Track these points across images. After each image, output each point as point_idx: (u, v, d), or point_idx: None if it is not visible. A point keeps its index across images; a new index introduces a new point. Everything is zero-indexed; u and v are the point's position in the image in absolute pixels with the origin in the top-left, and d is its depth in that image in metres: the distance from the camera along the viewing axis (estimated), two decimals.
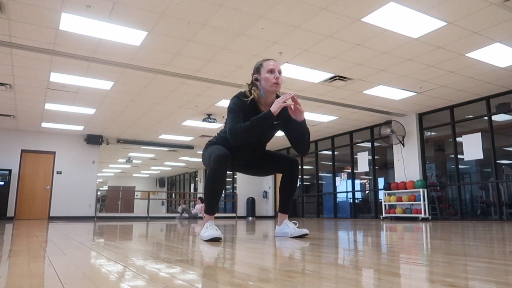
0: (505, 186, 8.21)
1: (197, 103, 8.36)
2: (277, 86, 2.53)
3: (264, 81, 2.54)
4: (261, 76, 2.56)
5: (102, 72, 6.53)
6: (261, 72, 2.56)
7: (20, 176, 10.66)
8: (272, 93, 2.58)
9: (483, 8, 4.57)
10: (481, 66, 6.34)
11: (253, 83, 2.61)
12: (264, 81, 2.53)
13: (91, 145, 11.65)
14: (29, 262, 1.46)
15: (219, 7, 4.52)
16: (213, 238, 2.42)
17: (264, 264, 1.45)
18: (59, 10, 4.53)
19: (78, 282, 1.09)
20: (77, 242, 2.47)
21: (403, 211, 9.20)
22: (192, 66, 6.27)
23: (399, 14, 4.69)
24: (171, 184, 24.40)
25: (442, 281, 1.04)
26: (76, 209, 11.10)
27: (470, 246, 2.14)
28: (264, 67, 2.56)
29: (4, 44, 5.35)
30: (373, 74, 6.71)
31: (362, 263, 1.43)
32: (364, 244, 2.31)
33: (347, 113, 9.27)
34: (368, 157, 10.64)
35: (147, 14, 4.65)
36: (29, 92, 7.52)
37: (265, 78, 2.53)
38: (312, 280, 1.07)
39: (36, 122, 10.00)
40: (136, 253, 1.81)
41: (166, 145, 13.12)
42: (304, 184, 13.57)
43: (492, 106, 8.01)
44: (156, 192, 23.71)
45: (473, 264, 1.38)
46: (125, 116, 9.47)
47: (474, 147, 8.12)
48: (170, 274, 1.18)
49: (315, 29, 5.08)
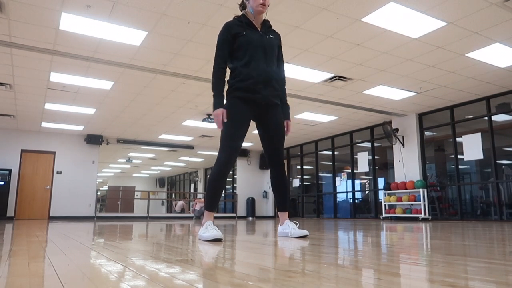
0: (505, 186, 8.21)
1: (197, 103, 8.36)
2: (263, 7, 2.65)
3: (252, 0, 2.67)
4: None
5: (102, 72, 6.53)
6: None
7: (20, 176, 10.66)
8: (259, 13, 2.68)
9: (483, 8, 4.57)
10: (481, 66, 6.34)
11: (243, 2, 2.76)
12: (253, 1, 2.66)
13: (91, 145, 11.65)
14: (29, 262, 1.46)
15: (219, 7, 4.52)
16: (214, 238, 2.42)
17: (264, 264, 1.45)
18: (59, 10, 4.53)
19: (78, 282, 1.08)
20: (77, 242, 2.47)
21: (403, 211, 9.20)
22: (192, 66, 6.27)
23: (399, 14, 4.69)
24: (171, 184, 24.39)
25: (442, 281, 1.04)
26: (76, 209, 11.10)
27: (470, 246, 2.14)
28: None
29: (4, 44, 5.35)
30: (373, 74, 6.71)
31: (362, 263, 1.42)
32: (364, 244, 2.31)
33: (347, 113, 9.27)
34: (368, 157, 10.64)
35: (147, 14, 4.65)
36: (29, 92, 7.52)
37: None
38: (312, 280, 1.07)
39: (36, 122, 10.00)
40: (136, 253, 1.81)
41: (166, 145, 13.12)
42: (304, 184, 13.57)
43: (492, 106, 8.01)
44: (156, 192, 23.70)
45: (473, 264, 1.38)
46: (125, 116, 9.48)
47: (474, 147, 8.12)
48: (170, 274, 1.18)
49: (315, 29, 5.08)
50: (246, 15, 2.71)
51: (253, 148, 14.07)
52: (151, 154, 16.11)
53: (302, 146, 13.30)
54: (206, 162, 17.60)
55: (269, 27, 2.78)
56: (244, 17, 2.70)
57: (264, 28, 2.74)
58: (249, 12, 2.71)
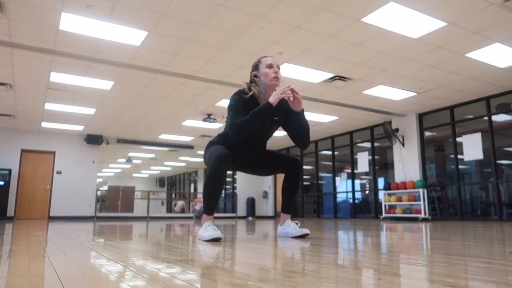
0: (505, 186, 8.21)
1: (197, 103, 8.36)
2: (277, 80, 2.53)
3: (263, 76, 2.53)
4: (260, 72, 2.56)
5: (102, 72, 6.53)
6: (260, 68, 2.57)
7: (20, 176, 10.66)
8: (272, 88, 2.55)
9: (483, 8, 4.57)
10: (481, 66, 6.34)
11: (252, 80, 2.60)
12: (264, 76, 2.53)
13: (91, 145, 11.65)
14: (29, 262, 1.46)
15: (219, 7, 4.52)
16: (213, 238, 2.41)
17: (264, 264, 1.45)
18: (59, 10, 4.53)
19: (78, 282, 1.08)
20: (77, 242, 2.47)
21: (403, 211, 9.20)
22: (192, 66, 6.27)
23: (399, 14, 4.69)
24: (171, 184, 24.39)
25: (442, 281, 1.04)
26: (76, 209, 11.10)
27: (470, 246, 2.14)
28: (262, 63, 2.57)
29: (4, 44, 5.35)
30: (373, 74, 6.71)
31: (362, 263, 1.42)
32: (364, 244, 2.31)
33: (347, 113, 9.27)
34: (368, 157, 10.64)
35: (147, 14, 4.65)
36: (29, 92, 7.52)
37: (264, 74, 2.54)
38: (312, 280, 1.07)
39: (36, 122, 10.00)
40: (136, 253, 1.81)
41: (166, 145, 13.12)
42: (304, 184, 13.57)
43: (492, 106, 8.01)
44: (156, 192, 23.70)
45: (473, 264, 1.38)
46: (125, 116, 9.48)
47: (474, 147, 8.12)
48: (170, 274, 1.18)
49: (315, 29, 5.08)
50: (256, 95, 2.53)
51: None
52: (151, 154, 16.11)
53: None
54: None
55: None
56: (253, 97, 2.52)
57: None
58: (259, 92, 2.54)
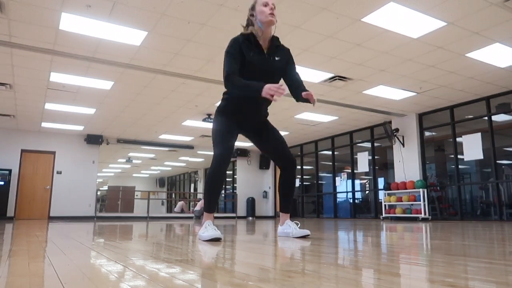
0: (505, 186, 8.21)
1: (197, 103, 8.36)
2: (272, 16, 2.56)
3: (259, 14, 2.57)
4: (256, 11, 2.60)
5: (102, 72, 6.52)
6: (256, 7, 2.61)
7: (20, 176, 10.66)
8: (269, 25, 2.58)
9: (483, 8, 4.57)
10: (481, 66, 6.34)
11: (249, 20, 2.65)
12: (260, 14, 2.57)
13: (91, 145, 11.65)
14: (29, 262, 1.46)
15: (219, 7, 4.52)
16: (213, 238, 2.42)
17: (264, 264, 1.45)
18: (59, 10, 4.53)
19: (78, 282, 1.08)
20: (77, 242, 2.47)
21: (403, 211, 9.20)
22: (192, 66, 6.27)
23: (399, 14, 4.69)
24: (171, 184, 24.40)
25: (442, 281, 1.04)
26: (76, 209, 11.10)
27: (470, 246, 2.14)
28: (258, 2, 2.61)
29: (4, 44, 5.34)
30: (373, 74, 6.71)
31: (362, 263, 1.42)
32: (364, 244, 2.31)
33: (347, 113, 9.27)
34: (368, 157, 10.64)
35: (147, 14, 4.65)
36: (29, 92, 7.52)
37: (260, 11, 2.57)
38: (312, 280, 1.07)
39: (36, 122, 10.00)
40: (136, 253, 1.81)
41: (166, 145, 13.12)
42: (304, 184, 13.57)
43: (492, 106, 8.01)
44: (156, 192, 23.70)
45: (473, 264, 1.38)
46: (125, 116, 9.47)
47: (474, 147, 8.12)
48: (170, 274, 1.18)
49: (315, 29, 5.08)
50: (254, 33, 2.58)
51: (253, 148, 14.06)
52: (151, 154, 16.11)
53: (302, 146, 13.30)
54: (206, 162, 17.60)
55: (277, 46, 2.68)
56: (253, 36, 2.58)
57: (272, 48, 2.64)
58: (258, 29, 2.58)
